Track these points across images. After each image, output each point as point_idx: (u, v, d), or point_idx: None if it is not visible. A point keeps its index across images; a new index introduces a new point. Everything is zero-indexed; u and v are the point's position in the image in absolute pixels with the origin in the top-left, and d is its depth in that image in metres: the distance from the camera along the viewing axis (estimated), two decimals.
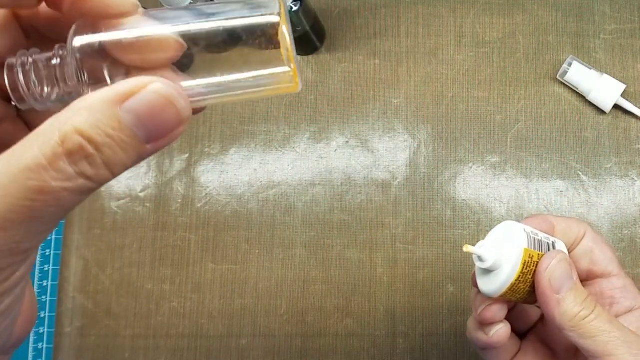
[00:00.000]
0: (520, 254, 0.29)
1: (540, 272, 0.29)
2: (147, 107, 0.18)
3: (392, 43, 0.57)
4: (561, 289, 0.29)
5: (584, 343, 0.28)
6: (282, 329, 0.52)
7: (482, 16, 0.56)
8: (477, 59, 0.55)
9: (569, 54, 0.54)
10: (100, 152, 0.17)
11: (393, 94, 0.56)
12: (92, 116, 0.17)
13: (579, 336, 0.28)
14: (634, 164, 0.52)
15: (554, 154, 0.53)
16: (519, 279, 0.30)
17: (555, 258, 0.29)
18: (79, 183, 0.18)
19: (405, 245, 0.53)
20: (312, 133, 0.56)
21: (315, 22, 0.54)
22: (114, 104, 0.18)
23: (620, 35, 0.54)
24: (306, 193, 0.55)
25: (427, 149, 0.54)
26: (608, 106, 0.52)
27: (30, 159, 0.17)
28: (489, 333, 0.32)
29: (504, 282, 0.30)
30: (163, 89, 0.18)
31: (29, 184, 0.17)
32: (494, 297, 0.31)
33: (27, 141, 0.17)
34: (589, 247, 0.33)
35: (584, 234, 0.33)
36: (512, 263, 0.30)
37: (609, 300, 0.32)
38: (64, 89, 0.19)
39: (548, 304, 0.29)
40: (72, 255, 0.56)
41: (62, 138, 0.17)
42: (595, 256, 0.33)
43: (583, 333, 0.28)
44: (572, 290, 0.29)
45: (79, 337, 0.53)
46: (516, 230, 0.30)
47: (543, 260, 0.30)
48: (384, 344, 0.52)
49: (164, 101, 0.18)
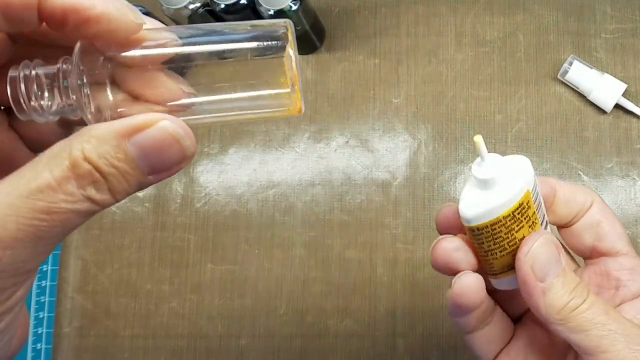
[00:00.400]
0: (523, 189, 0.25)
1: (520, 257, 0.25)
2: (153, 142, 0.19)
3: (392, 42, 0.56)
4: (546, 275, 0.24)
5: (574, 338, 0.24)
6: (281, 330, 0.52)
7: (483, 15, 0.56)
8: (478, 58, 0.55)
9: (570, 53, 0.54)
10: (106, 180, 0.19)
11: (393, 94, 0.55)
12: (101, 146, 0.18)
13: (569, 330, 0.24)
14: (635, 164, 0.52)
15: (555, 153, 0.53)
16: (508, 220, 0.25)
17: (538, 240, 0.25)
18: (85, 206, 0.19)
19: (405, 245, 0.53)
20: (311, 133, 0.56)
21: (314, 21, 0.54)
22: (122, 137, 0.19)
23: (622, 34, 0.54)
24: (306, 193, 0.55)
25: (427, 149, 0.54)
26: (609, 106, 0.52)
27: (41, 181, 0.18)
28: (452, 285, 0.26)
29: (493, 209, 0.24)
30: (171, 127, 0.19)
31: (38, 205, 0.18)
32: (473, 224, 0.25)
33: (36, 164, 0.18)
34: (595, 219, 0.28)
35: (590, 203, 0.28)
36: (511, 192, 0.25)
37: (614, 283, 0.27)
38: (66, 102, 0.19)
39: (531, 293, 0.24)
40: (71, 255, 0.56)
41: (72, 163, 0.18)
42: (602, 230, 0.28)
43: (573, 326, 0.24)
44: (560, 277, 0.24)
45: (78, 338, 0.53)
46: (527, 168, 0.26)
47: (524, 242, 0.25)
48: (384, 344, 0.51)
49: (171, 139, 0.19)
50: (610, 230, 0.28)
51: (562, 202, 0.28)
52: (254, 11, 0.50)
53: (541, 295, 0.24)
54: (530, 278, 0.24)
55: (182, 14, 0.51)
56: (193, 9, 0.51)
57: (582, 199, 0.28)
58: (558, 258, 0.25)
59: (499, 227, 0.25)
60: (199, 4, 0.51)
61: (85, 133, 0.19)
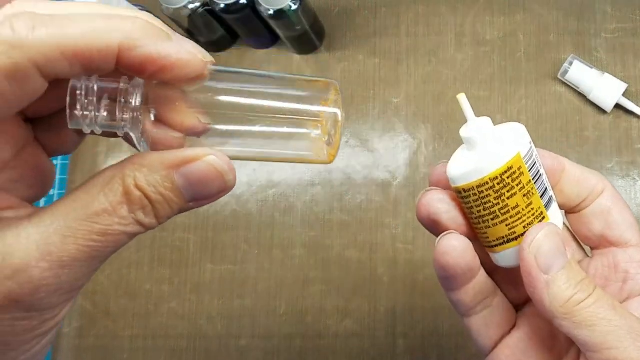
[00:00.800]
0: (513, 152, 0.24)
1: (523, 247, 0.24)
2: (199, 175, 0.21)
3: (392, 42, 0.56)
4: (550, 267, 0.23)
5: (579, 334, 0.23)
6: (281, 330, 0.52)
7: (483, 15, 0.56)
8: (478, 58, 0.55)
9: (570, 53, 0.54)
10: (153, 206, 0.21)
11: (393, 93, 0.55)
12: (151, 175, 0.20)
13: (574, 325, 0.23)
14: (636, 164, 0.52)
15: (555, 153, 0.53)
16: (495, 183, 0.24)
17: (542, 230, 0.24)
18: (134, 228, 0.21)
19: (405, 245, 0.53)
20: None
21: (314, 21, 0.54)
22: (171, 168, 0.21)
23: (622, 34, 0.54)
24: (305, 193, 0.55)
25: (427, 149, 0.54)
26: (609, 106, 0.51)
27: (98, 206, 0.20)
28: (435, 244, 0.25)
29: (477, 169, 0.24)
30: (217, 163, 0.22)
31: (95, 227, 0.20)
32: (458, 184, 0.24)
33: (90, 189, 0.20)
34: (606, 206, 0.27)
35: (602, 189, 0.27)
36: (496, 153, 0.24)
37: (622, 276, 0.26)
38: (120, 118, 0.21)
39: (535, 286, 0.23)
40: None
41: (126, 190, 0.20)
42: (612, 218, 0.27)
43: (578, 321, 0.23)
44: (565, 269, 0.23)
45: (78, 338, 0.53)
46: (522, 135, 0.25)
47: (528, 232, 0.24)
48: (384, 344, 0.51)
49: (216, 173, 0.22)
50: (620, 219, 0.27)
51: (571, 182, 0.27)
52: (254, 11, 0.50)
53: (545, 287, 0.23)
54: (533, 269, 0.23)
55: (182, 13, 0.51)
56: (193, 8, 0.51)
57: (594, 182, 0.27)
58: (563, 250, 0.24)
59: (487, 191, 0.24)
60: (198, 4, 0.51)
61: (137, 162, 0.21)
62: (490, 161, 0.24)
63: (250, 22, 0.52)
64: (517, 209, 0.24)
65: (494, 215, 0.24)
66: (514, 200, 0.24)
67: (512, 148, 0.24)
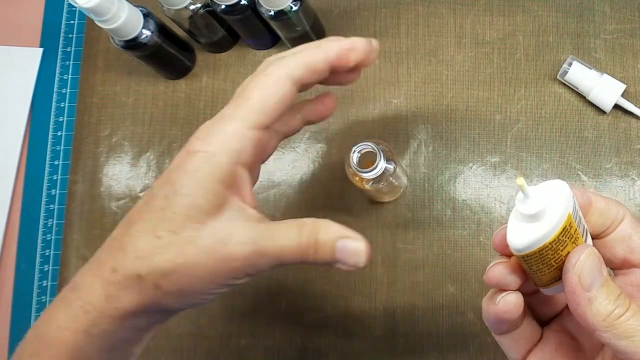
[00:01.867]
0: (564, 215, 0.26)
1: (568, 268, 0.27)
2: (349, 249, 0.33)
3: (392, 43, 0.57)
4: (592, 286, 0.26)
5: (619, 344, 0.26)
6: (282, 329, 0.52)
7: (482, 16, 0.56)
8: (477, 58, 0.55)
9: (569, 54, 0.54)
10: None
11: (393, 94, 0.56)
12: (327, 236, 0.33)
13: (615, 337, 0.26)
14: (634, 164, 0.52)
15: (554, 153, 0.53)
16: (554, 244, 0.27)
17: (584, 252, 0.27)
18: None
19: (405, 245, 0.53)
20: (312, 133, 0.56)
21: (315, 22, 0.54)
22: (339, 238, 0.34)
23: (621, 35, 0.54)
24: (306, 193, 0.55)
25: (427, 149, 0.54)
26: (608, 106, 0.52)
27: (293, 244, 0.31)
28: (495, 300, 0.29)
29: (539, 239, 0.26)
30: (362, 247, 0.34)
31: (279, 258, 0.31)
32: (522, 253, 0.27)
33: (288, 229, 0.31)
34: (627, 232, 0.30)
35: (622, 217, 0.30)
36: (554, 220, 0.26)
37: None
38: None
39: (578, 303, 0.26)
40: (72, 255, 0.56)
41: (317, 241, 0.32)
42: (633, 243, 0.30)
43: (619, 333, 0.25)
44: (604, 286, 0.26)
45: None
46: (565, 192, 0.27)
47: (571, 255, 0.27)
48: (384, 344, 0.52)
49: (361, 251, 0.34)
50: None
51: (597, 213, 0.30)
52: (255, 12, 0.50)
53: (588, 304, 0.26)
54: (578, 288, 0.26)
55: (183, 14, 0.52)
56: (193, 9, 0.51)
57: (615, 211, 0.30)
58: (601, 269, 0.27)
59: (546, 252, 0.27)
60: (199, 5, 0.51)
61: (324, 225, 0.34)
62: (549, 229, 0.26)
63: (251, 23, 0.52)
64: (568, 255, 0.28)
65: (549, 267, 0.28)
66: (566, 250, 0.27)
67: (564, 212, 0.27)
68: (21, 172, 0.59)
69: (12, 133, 0.59)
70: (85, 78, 0.59)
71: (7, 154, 0.59)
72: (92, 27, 0.60)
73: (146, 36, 0.50)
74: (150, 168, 0.57)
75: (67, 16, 0.62)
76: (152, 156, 0.57)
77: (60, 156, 0.58)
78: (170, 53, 0.54)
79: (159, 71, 0.57)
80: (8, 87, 0.60)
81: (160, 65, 0.56)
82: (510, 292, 0.29)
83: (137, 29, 0.49)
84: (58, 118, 0.59)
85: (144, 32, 0.50)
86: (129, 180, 0.57)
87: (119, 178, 0.57)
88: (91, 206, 0.56)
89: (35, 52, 0.61)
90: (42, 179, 0.58)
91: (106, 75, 0.59)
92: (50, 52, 0.61)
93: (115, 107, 0.58)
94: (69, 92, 0.60)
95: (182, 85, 0.58)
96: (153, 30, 0.51)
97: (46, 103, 0.60)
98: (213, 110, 0.57)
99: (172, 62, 0.56)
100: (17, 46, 0.62)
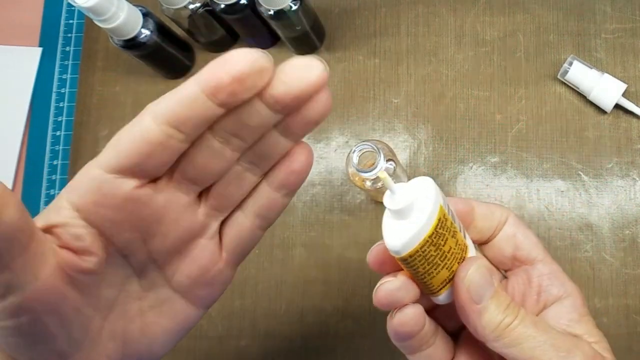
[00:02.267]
0: (436, 206, 0.26)
1: (457, 282, 0.26)
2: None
3: (392, 42, 0.56)
4: (482, 298, 0.26)
5: (509, 352, 0.26)
6: (281, 330, 0.52)
7: (483, 15, 0.56)
8: (478, 58, 0.55)
9: (570, 54, 0.54)
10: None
11: (393, 94, 0.55)
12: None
13: (505, 345, 0.26)
14: (635, 164, 0.52)
15: (555, 153, 0.53)
16: (433, 238, 0.25)
17: (473, 265, 0.27)
18: None
19: None
20: (311, 133, 0.56)
21: (315, 22, 0.54)
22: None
23: (622, 34, 0.54)
24: (306, 193, 0.55)
25: (427, 149, 0.54)
26: (609, 106, 0.52)
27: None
28: (392, 316, 0.28)
29: (417, 233, 0.25)
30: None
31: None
32: (404, 253, 0.26)
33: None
34: (511, 232, 0.31)
35: (506, 219, 0.31)
36: (427, 212, 0.25)
37: (536, 289, 0.30)
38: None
39: (469, 315, 0.26)
40: None
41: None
42: (518, 240, 0.30)
43: (508, 342, 0.26)
44: (494, 297, 0.26)
45: None
46: (432, 186, 0.26)
47: (460, 268, 0.27)
48: (384, 344, 0.51)
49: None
50: (525, 240, 0.30)
51: (481, 218, 0.30)
52: (254, 11, 0.50)
53: (478, 317, 0.26)
54: (467, 302, 0.26)
55: (182, 14, 0.51)
56: (193, 9, 0.51)
57: (499, 214, 0.31)
58: (491, 281, 0.27)
59: (428, 248, 0.26)
60: (198, 5, 0.51)
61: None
62: (424, 222, 0.25)
63: (251, 22, 0.52)
64: (451, 250, 0.27)
65: (436, 265, 0.26)
66: (448, 245, 0.27)
67: (436, 202, 0.26)
68: (20, 171, 0.59)
69: (11, 132, 0.59)
70: (85, 78, 0.59)
71: (5, 153, 0.58)
72: (92, 26, 0.60)
73: (145, 36, 0.50)
74: None
75: (66, 15, 0.62)
76: None
77: (59, 156, 0.58)
78: (170, 52, 0.54)
79: (159, 71, 0.57)
80: (7, 87, 0.60)
81: (160, 64, 0.56)
82: (407, 305, 0.28)
83: (137, 29, 0.49)
84: (57, 118, 0.59)
85: (143, 32, 0.50)
86: None
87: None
88: None
89: (35, 51, 0.61)
90: (41, 179, 0.58)
91: (105, 75, 0.59)
92: (50, 52, 0.61)
93: (114, 107, 0.58)
94: (68, 91, 0.60)
95: None
96: (152, 30, 0.51)
97: (45, 103, 0.60)
98: None
99: (171, 61, 0.56)
100: (16, 45, 0.61)
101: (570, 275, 0.31)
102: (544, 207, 0.52)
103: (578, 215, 0.52)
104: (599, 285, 0.50)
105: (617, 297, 0.49)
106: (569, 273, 0.30)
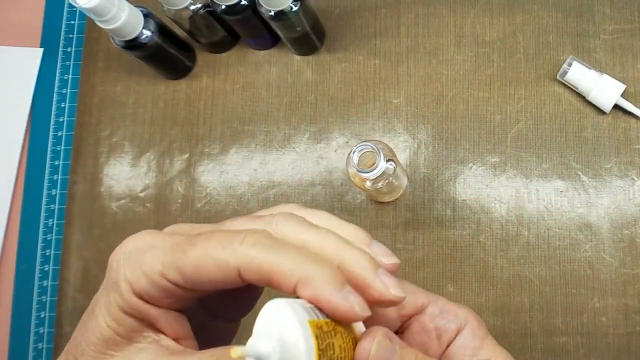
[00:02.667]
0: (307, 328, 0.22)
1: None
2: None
3: (392, 43, 0.57)
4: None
5: None
6: None
7: (482, 16, 0.56)
8: (477, 59, 0.55)
9: (569, 54, 0.54)
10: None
11: (393, 94, 0.56)
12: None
13: None
14: (634, 164, 0.52)
15: (554, 154, 0.53)
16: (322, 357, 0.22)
17: (375, 338, 0.25)
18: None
19: (405, 245, 0.53)
20: (312, 133, 0.56)
21: (315, 22, 0.54)
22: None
23: (621, 35, 0.54)
24: (306, 193, 0.55)
25: (427, 149, 0.54)
26: (608, 106, 0.52)
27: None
28: None
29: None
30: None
31: None
32: None
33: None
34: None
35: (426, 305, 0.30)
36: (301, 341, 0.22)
37: (435, 333, 0.29)
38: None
39: None
40: (72, 255, 0.56)
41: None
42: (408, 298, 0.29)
43: None
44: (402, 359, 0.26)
45: None
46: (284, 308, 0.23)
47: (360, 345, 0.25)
48: None
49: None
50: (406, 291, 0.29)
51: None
52: (255, 12, 0.50)
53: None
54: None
55: (183, 15, 0.52)
56: (194, 10, 0.51)
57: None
58: (393, 349, 0.25)
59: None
60: (199, 5, 0.51)
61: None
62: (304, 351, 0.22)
63: (251, 23, 0.52)
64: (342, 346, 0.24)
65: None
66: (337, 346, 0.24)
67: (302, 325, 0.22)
68: (21, 172, 0.59)
69: (12, 133, 0.59)
70: (86, 78, 0.59)
71: (7, 154, 0.59)
72: (93, 27, 0.60)
73: (146, 36, 0.50)
74: (150, 168, 0.57)
75: (67, 16, 0.62)
76: (153, 156, 0.57)
77: (60, 156, 0.59)
78: (171, 53, 0.55)
79: (159, 71, 0.57)
80: (8, 88, 0.60)
81: (161, 65, 0.56)
82: None
83: (138, 29, 0.50)
84: (58, 118, 0.59)
85: (144, 33, 0.50)
86: (129, 180, 0.57)
87: (119, 178, 0.57)
88: (91, 206, 0.56)
89: (36, 52, 0.61)
90: (43, 179, 0.58)
91: (106, 76, 0.59)
92: (51, 52, 0.61)
93: (115, 107, 0.58)
94: (70, 92, 0.60)
95: (182, 86, 0.58)
96: (153, 31, 0.51)
97: (46, 103, 0.60)
98: (213, 110, 0.57)
99: (172, 62, 0.56)
100: (18, 46, 0.62)
101: (570, 275, 0.30)
102: (543, 207, 0.52)
103: (577, 215, 0.52)
104: (598, 285, 0.50)
105: (616, 296, 0.50)
106: (569, 273, 0.28)
